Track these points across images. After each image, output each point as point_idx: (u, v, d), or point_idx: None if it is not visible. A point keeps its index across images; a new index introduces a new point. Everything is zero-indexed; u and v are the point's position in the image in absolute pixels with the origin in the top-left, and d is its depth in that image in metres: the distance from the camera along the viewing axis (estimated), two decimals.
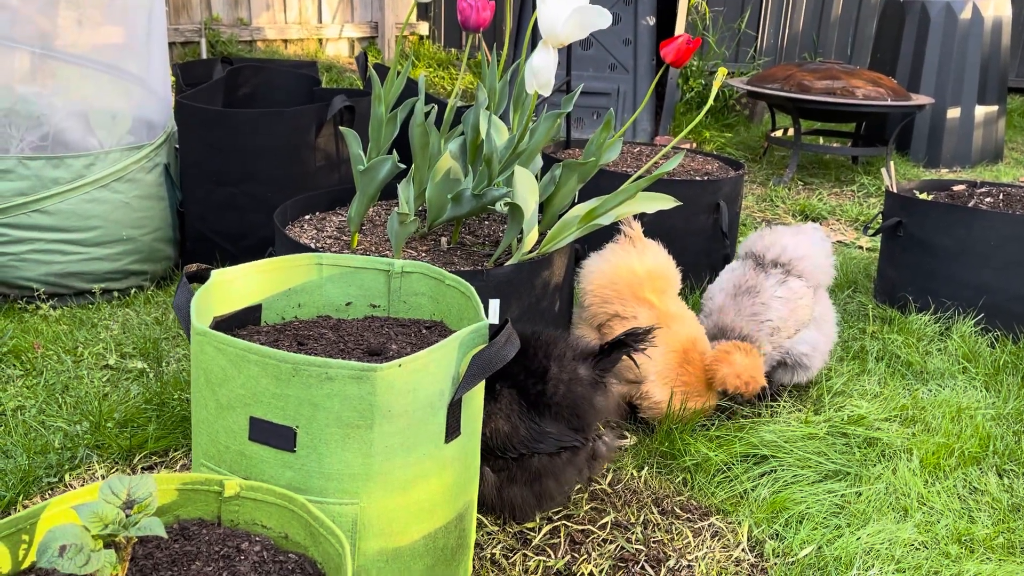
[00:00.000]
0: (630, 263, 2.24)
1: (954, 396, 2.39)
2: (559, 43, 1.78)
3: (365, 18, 6.86)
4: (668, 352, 2.13)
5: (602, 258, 2.30)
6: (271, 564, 1.08)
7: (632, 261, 2.25)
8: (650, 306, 2.19)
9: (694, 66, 6.05)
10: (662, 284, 2.25)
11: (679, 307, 2.26)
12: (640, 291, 2.20)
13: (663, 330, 2.09)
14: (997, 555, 1.78)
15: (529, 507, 1.75)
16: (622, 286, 2.21)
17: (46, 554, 0.90)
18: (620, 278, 2.22)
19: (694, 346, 2.18)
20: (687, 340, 2.17)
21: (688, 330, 2.20)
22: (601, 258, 2.31)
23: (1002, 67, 5.50)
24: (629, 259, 2.25)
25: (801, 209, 4.33)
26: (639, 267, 2.24)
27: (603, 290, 2.22)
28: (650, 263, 2.26)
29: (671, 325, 2.16)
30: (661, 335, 2.06)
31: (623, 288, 2.20)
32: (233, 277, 1.51)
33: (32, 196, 2.55)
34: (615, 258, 2.27)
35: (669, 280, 2.28)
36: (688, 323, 2.23)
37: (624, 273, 2.22)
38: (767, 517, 1.85)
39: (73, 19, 2.64)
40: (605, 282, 2.23)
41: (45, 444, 1.95)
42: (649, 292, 2.21)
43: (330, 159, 2.93)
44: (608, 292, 2.21)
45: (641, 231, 2.34)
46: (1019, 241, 2.70)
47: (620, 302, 2.19)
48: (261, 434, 1.24)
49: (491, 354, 1.32)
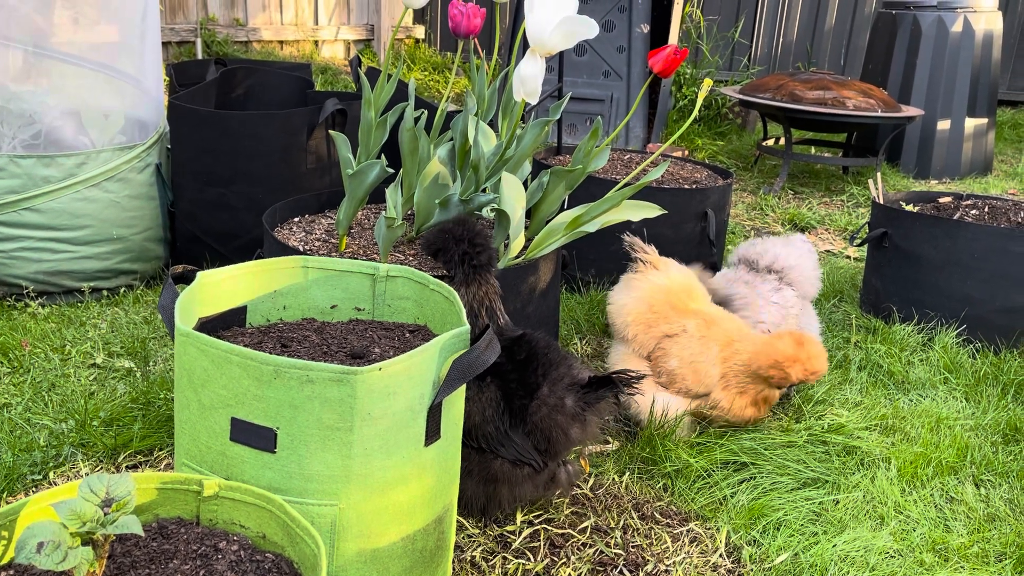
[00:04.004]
0: (659, 282, 2.25)
1: (934, 406, 2.42)
2: (547, 52, 1.80)
3: (361, 21, 6.88)
4: (720, 358, 2.14)
5: (629, 288, 2.30)
6: (248, 563, 1.09)
7: (660, 280, 2.26)
8: (694, 314, 2.19)
9: (688, 74, 6.08)
10: (696, 293, 2.27)
11: (716, 309, 2.28)
12: (679, 303, 2.21)
13: (712, 330, 2.14)
14: (971, 564, 1.80)
15: (476, 504, 1.76)
16: (661, 305, 2.21)
17: (24, 550, 0.91)
18: (656, 299, 2.22)
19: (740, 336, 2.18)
20: (735, 332, 2.18)
21: (733, 324, 2.22)
22: (628, 289, 2.30)
23: (992, 80, 5.55)
24: (657, 279, 2.26)
25: (791, 218, 4.36)
26: (669, 283, 2.25)
27: (644, 316, 2.22)
28: (677, 277, 2.28)
29: (720, 324, 2.18)
30: (710, 338, 2.13)
31: (662, 307, 2.21)
32: (219, 279, 1.52)
33: (23, 194, 2.56)
34: (643, 283, 2.27)
35: (698, 289, 2.30)
36: (730, 319, 2.24)
37: (658, 293, 2.23)
38: (745, 523, 1.87)
39: (69, 18, 2.65)
40: (643, 308, 2.22)
41: (30, 442, 1.96)
42: (689, 301, 2.22)
43: (322, 161, 2.95)
44: (650, 316, 2.21)
45: (656, 253, 2.35)
46: (1002, 254, 2.73)
47: (665, 321, 2.19)
48: (242, 435, 1.26)
49: (472, 359, 1.33)
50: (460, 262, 1.76)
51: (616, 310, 2.28)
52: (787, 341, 2.12)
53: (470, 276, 1.76)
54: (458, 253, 1.76)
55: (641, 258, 2.32)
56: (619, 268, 3.02)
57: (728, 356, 2.14)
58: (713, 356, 2.13)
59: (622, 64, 5.21)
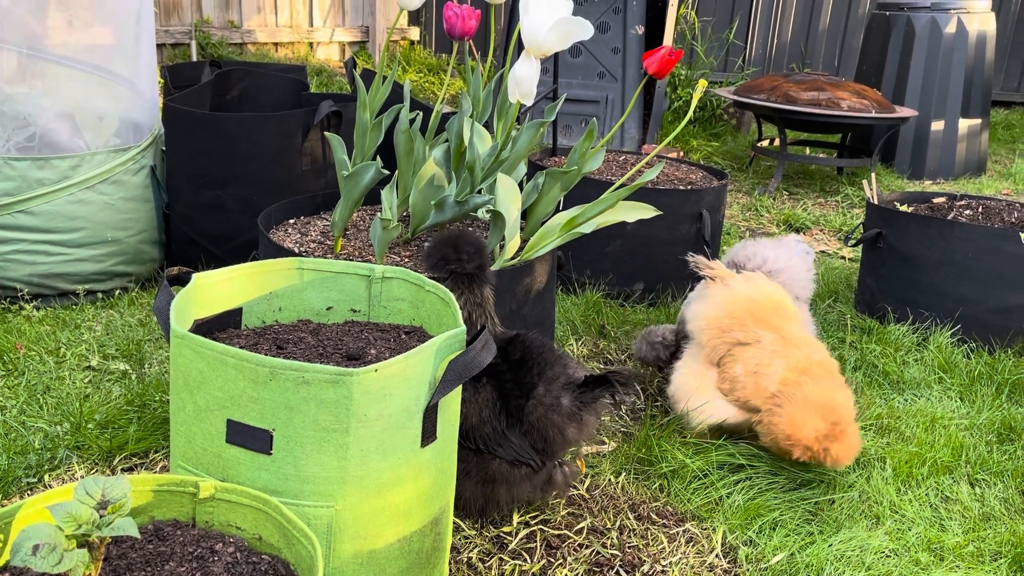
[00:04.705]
0: (743, 291, 2.19)
1: (929, 406, 2.42)
2: (541, 53, 1.80)
3: (356, 22, 6.88)
4: (791, 370, 2.04)
5: (705, 296, 2.25)
6: (244, 565, 1.09)
7: (744, 290, 2.20)
8: (774, 329, 2.11)
9: (683, 75, 6.09)
10: (784, 312, 2.18)
11: (806, 334, 2.17)
12: (762, 315, 2.14)
13: (788, 352, 2.05)
14: (966, 563, 1.80)
15: (475, 505, 1.76)
16: (741, 312, 2.14)
17: (19, 553, 0.91)
18: (738, 305, 2.16)
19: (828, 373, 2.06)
20: (817, 363, 2.06)
21: (820, 355, 2.10)
22: (704, 296, 2.25)
23: (986, 81, 5.57)
24: (740, 288, 2.21)
25: (785, 219, 4.37)
26: (756, 294, 2.19)
27: (720, 320, 2.16)
28: (767, 290, 2.21)
29: (800, 347, 2.08)
30: (785, 357, 2.04)
31: (742, 314, 2.14)
32: (214, 280, 1.52)
33: (17, 196, 2.56)
34: (722, 291, 2.22)
35: (790, 309, 2.21)
36: (819, 349, 2.14)
37: (742, 301, 2.17)
38: (741, 523, 1.87)
39: (63, 20, 2.65)
40: (721, 313, 2.17)
41: (25, 445, 1.96)
42: (772, 316, 2.14)
43: (317, 163, 2.95)
44: (726, 321, 2.15)
45: (723, 265, 2.31)
46: (996, 253, 2.74)
47: (741, 328, 2.12)
48: (238, 437, 1.26)
49: (467, 360, 1.34)
50: (450, 273, 1.76)
51: (691, 316, 2.23)
52: (817, 425, 1.93)
53: (462, 284, 1.76)
54: (446, 262, 1.77)
55: (709, 275, 2.27)
56: (615, 269, 3.04)
57: (789, 380, 2.02)
58: (777, 372, 2.04)
59: (617, 65, 5.22)
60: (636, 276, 3.04)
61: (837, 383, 2.06)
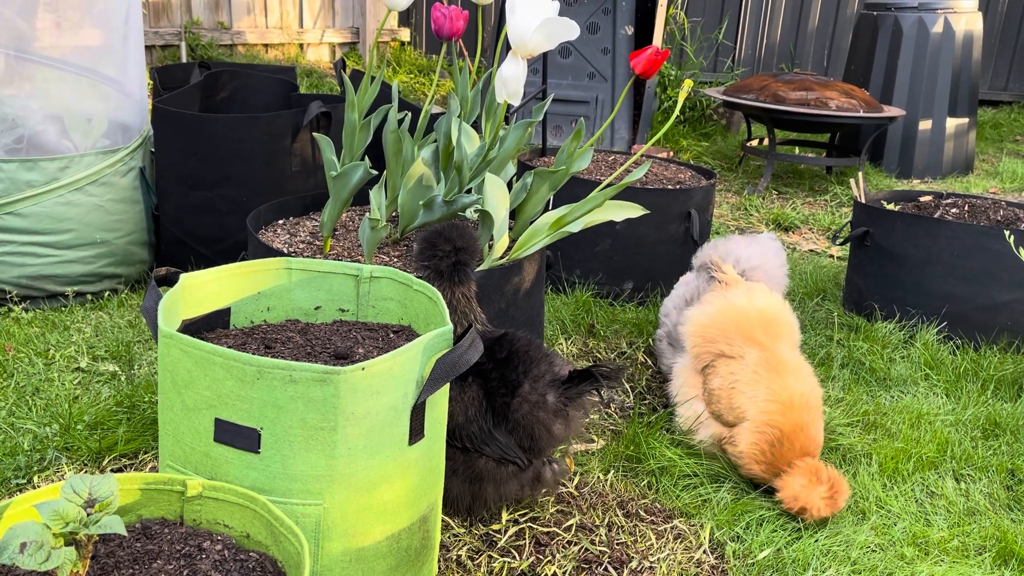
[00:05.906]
0: (736, 303, 2.15)
1: (915, 403, 2.44)
2: (528, 53, 1.81)
3: (346, 24, 6.88)
4: (770, 401, 1.96)
5: (702, 302, 2.24)
6: (232, 563, 1.10)
7: (738, 301, 2.15)
8: (761, 347, 2.04)
9: (672, 76, 6.11)
10: (775, 328, 2.10)
11: (795, 358, 2.08)
12: (749, 330, 2.07)
13: (770, 378, 1.98)
14: (951, 557, 1.82)
15: (462, 504, 1.77)
16: (727, 324, 2.09)
17: (7, 551, 0.91)
18: (725, 316, 2.11)
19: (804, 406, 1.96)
20: (798, 396, 1.96)
21: (802, 386, 1.99)
22: (701, 303, 2.24)
23: (973, 80, 5.60)
24: (735, 300, 2.16)
25: (775, 218, 4.39)
26: (747, 305, 2.13)
27: (705, 329, 2.12)
28: (760, 303, 2.15)
29: (782, 374, 1.99)
30: (767, 383, 1.97)
31: (728, 326, 2.09)
32: (203, 281, 1.53)
33: (5, 198, 2.55)
34: (717, 300, 2.19)
35: (784, 325, 2.13)
36: (803, 378, 2.02)
37: (730, 311, 2.12)
38: (729, 520, 1.88)
39: (51, 22, 2.65)
40: (708, 321, 2.13)
41: (14, 446, 1.96)
42: (760, 333, 2.06)
43: (306, 164, 2.95)
44: (711, 331, 2.11)
45: (734, 273, 2.29)
46: (982, 251, 2.76)
47: (726, 340, 2.07)
48: (226, 435, 1.26)
49: (455, 358, 1.34)
50: (435, 269, 1.77)
51: (684, 320, 2.22)
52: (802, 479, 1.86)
53: (446, 279, 1.77)
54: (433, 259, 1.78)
55: (719, 277, 2.27)
56: (604, 268, 3.05)
57: (767, 410, 1.94)
58: (753, 394, 1.97)
59: (607, 66, 5.23)
60: (625, 275, 3.05)
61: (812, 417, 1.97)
